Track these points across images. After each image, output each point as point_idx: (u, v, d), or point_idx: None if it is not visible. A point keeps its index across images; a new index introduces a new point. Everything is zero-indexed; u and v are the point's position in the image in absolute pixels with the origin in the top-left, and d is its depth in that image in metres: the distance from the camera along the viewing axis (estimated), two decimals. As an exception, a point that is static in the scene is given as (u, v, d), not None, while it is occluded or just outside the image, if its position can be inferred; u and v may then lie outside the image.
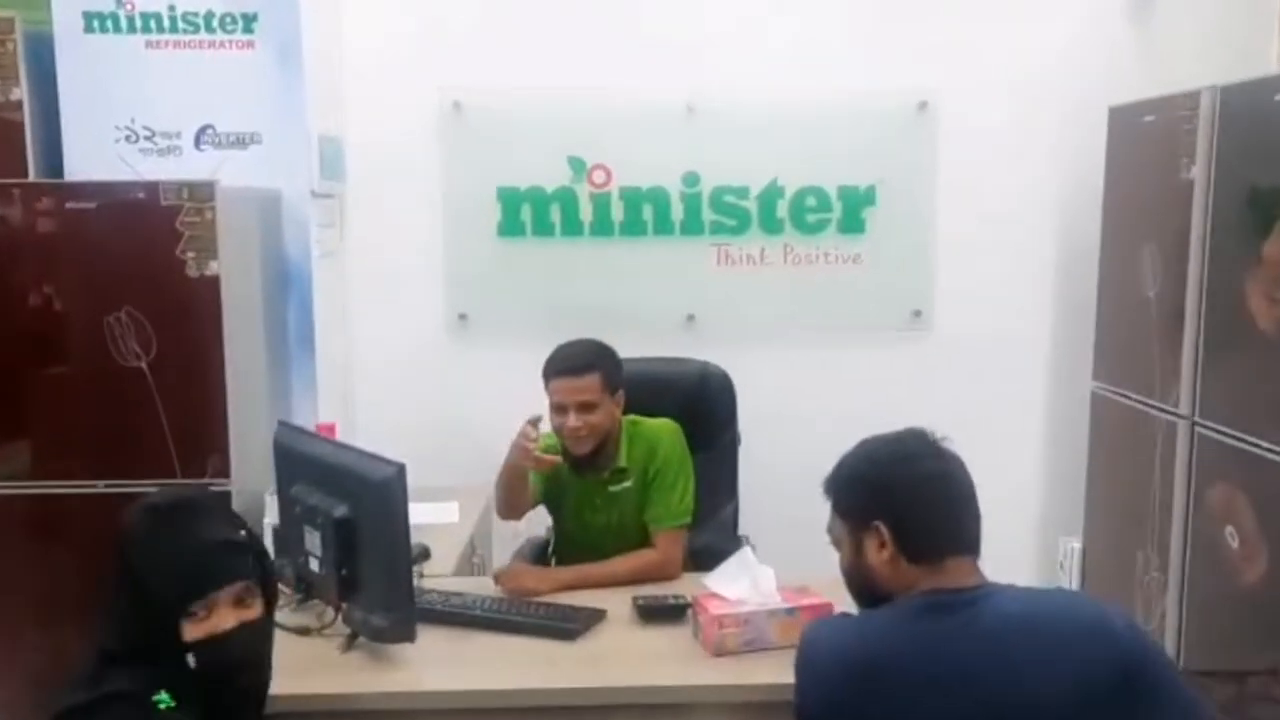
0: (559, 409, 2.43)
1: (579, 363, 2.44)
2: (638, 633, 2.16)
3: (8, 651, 2.62)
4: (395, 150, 3.44)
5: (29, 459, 2.63)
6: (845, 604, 1.74)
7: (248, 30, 2.96)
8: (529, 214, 3.50)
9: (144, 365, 2.56)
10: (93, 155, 2.92)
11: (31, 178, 2.79)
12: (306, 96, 3.02)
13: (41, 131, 2.87)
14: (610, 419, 2.47)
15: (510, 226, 3.50)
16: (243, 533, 1.59)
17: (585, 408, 2.42)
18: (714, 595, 2.08)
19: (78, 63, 2.92)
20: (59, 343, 2.61)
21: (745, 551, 2.18)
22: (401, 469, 1.96)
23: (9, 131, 2.80)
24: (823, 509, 1.68)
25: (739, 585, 2.08)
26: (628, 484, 2.51)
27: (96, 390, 2.58)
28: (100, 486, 2.58)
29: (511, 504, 2.55)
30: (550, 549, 2.75)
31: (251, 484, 2.59)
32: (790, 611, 2.03)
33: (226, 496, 2.52)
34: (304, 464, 2.19)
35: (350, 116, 3.40)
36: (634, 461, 2.51)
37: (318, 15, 3.13)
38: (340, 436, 2.71)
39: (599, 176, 3.49)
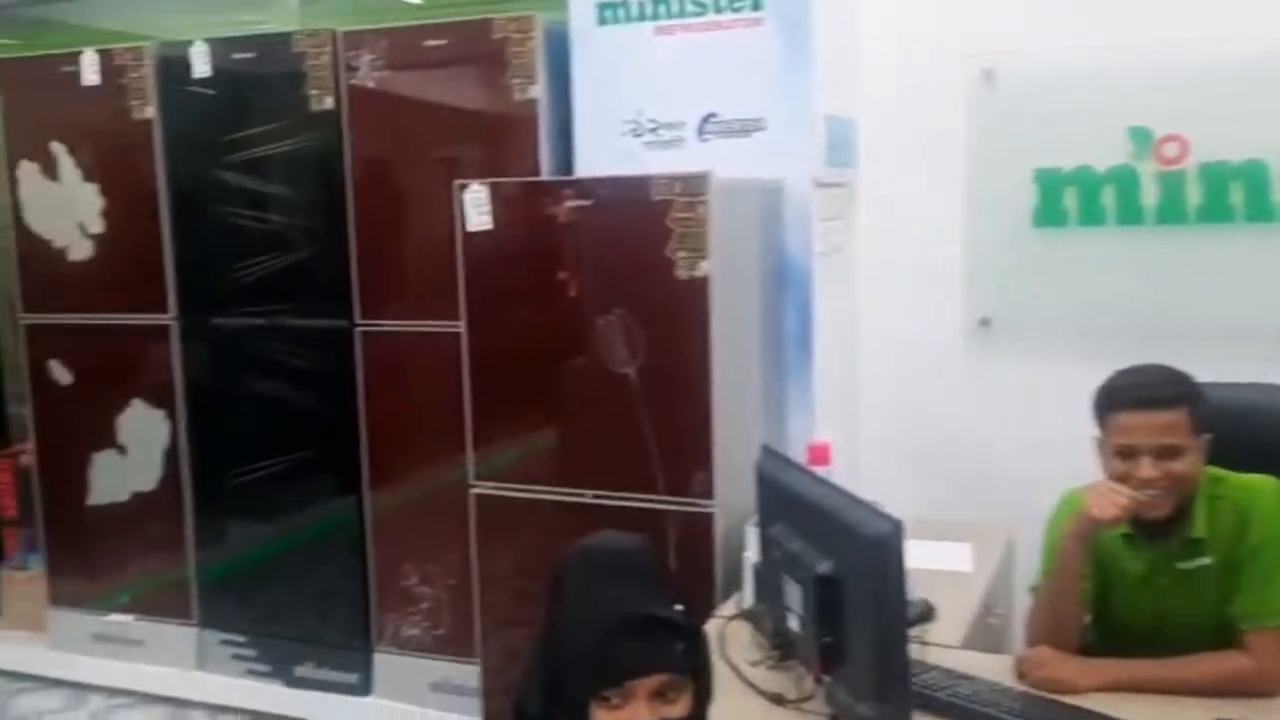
0: (1126, 453, 1.84)
1: (1163, 394, 1.84)
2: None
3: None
4: (914, 130, 2.99)
5: (515, 459, 2.60)
6: None
7: (756, 7, 2.71)
8: (1074, 199, 2.88)
9: (631, 371, 2.41)
10: (601, 151, 2.85)
11: (544, 175, 2.78)
12: (815, 75, 2.70)
13: (554, 129, 2.86)
14: (1195, 470, 1.84)
15: (1049, 215, 2.91)
16: (678, 608, 1.28)
17: (1167, 453, 1.81)
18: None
19: (590, 57, 2.86)
20: (556, 344, 2.53)
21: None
22: (898, 526, 1.55)
23: (525, 129, 2.81)
24: None
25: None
26: (1205, 561, 1.87)
27: (585, 395, 2.48)
28: (588, 496, 2.48)
29: (1065, 615, 1.91)
30: (1086, 641, 2.02)
31: (736, 508, 2.33)
32: None
33: (665, 558, 2.28)
34: (787, 501, 1.86)
35: (863, 94, 3.03)
36: (1216, 532, 1.86)
37: (830, -17, 2.80)
38: (838, 457, 2.36)
39: (1170, 150, 2.78)
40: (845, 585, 1.65)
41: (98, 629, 3.48)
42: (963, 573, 2.37)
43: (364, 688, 3.18)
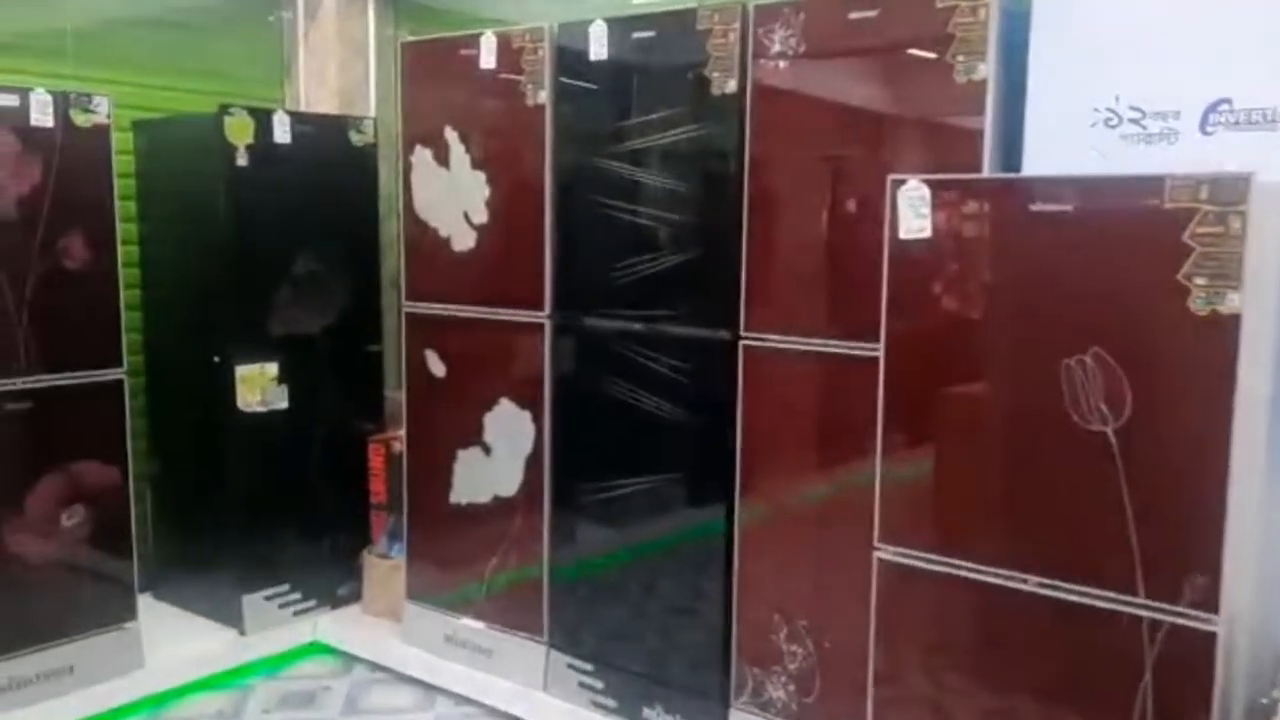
0: None
1: None
2: None
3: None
4: None
5: (931, 521, 2.12)
6: None
7: (1295, -39, 2.06)
8: None
9: (1109, 430, 1.86)
10: (1059, 146, 2.30)
11: (985, 173, 2.29)
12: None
13: (1000, 118, 2.35)
14: None
15: None
16: None
17: None
18: None
19: (1058, 28, 2.32)
20: (1004, 386, 2.04)
21: None
22: None
23: (966, 118, 2.32)
24: None
25: None
26: None
27: (1040, 454, 1.96)
28: (1030, 583, 1.96)
29: None
30: None
31: (1251, 627, 1.72)
32: None
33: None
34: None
35: None
36: None
37: None
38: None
39: None
40: None
41: (450, 630, 3.37)
42: None
43: (717, 748, 2.83)
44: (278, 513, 3.63)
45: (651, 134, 2.81)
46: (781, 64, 2.58)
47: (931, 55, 2.34)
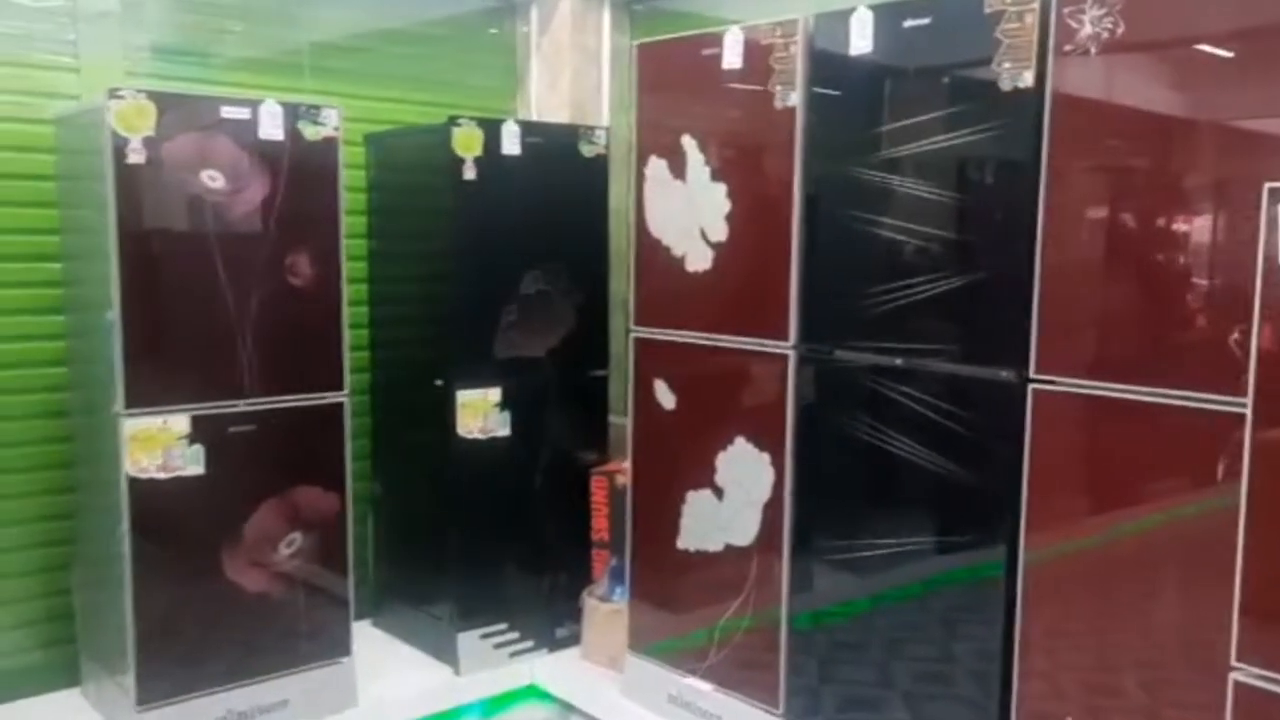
0: None
1: None
2: None
3: None
4: None
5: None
6: None
7: None
8: None
9: None
10: None
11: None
12: None
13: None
14: None
15: None
16: None
17: None
18: None
19: None
20: None
21: None
22: None
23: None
24: None
25: None
26: None
27: None
28: None
29: None
30: None
31: None
32: None
33: None
34: None
35: None
36: None
37: None
38: None
39: None
40: None
41: (674, 690, 3.06)
42: None
43: None
44: (497, 546, 3.43)
45: (921, 139, 2.40)
46: (1092, 48, 2.11)
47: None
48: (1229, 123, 1.98)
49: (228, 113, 2.81)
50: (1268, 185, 1.64)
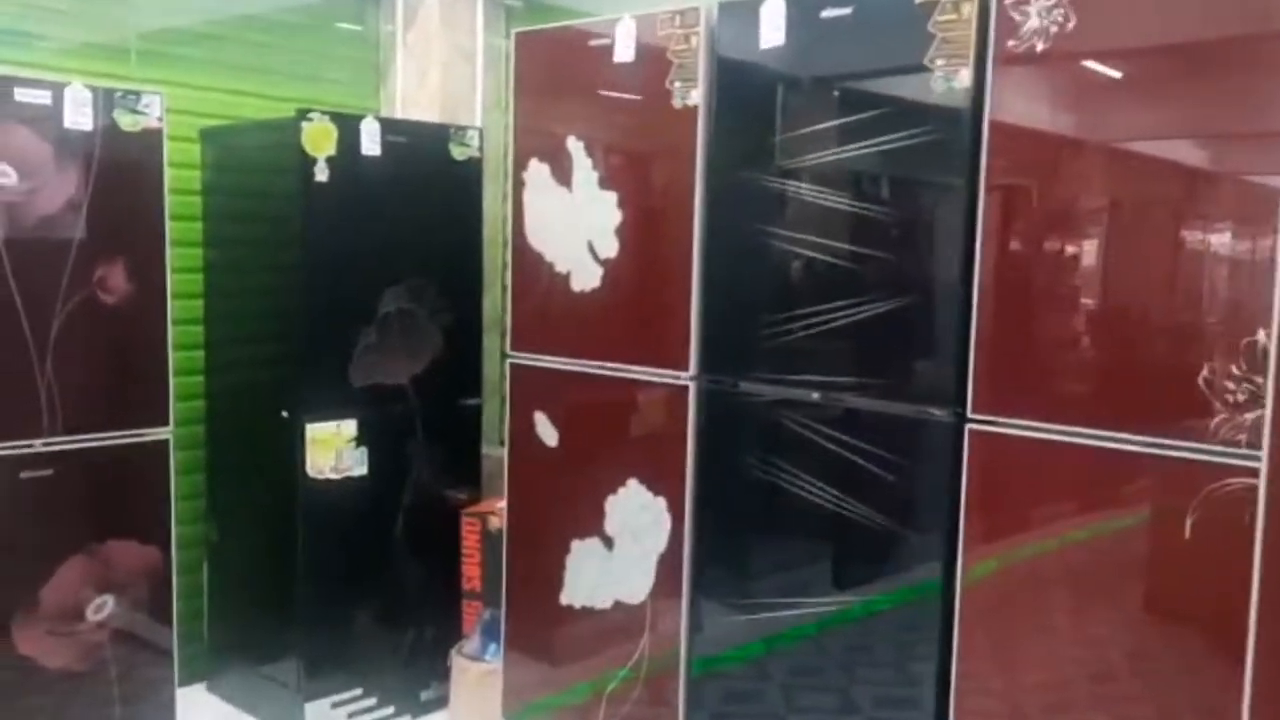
0: None
1: None
2: None
3: None
4: None
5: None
6: None
7: None
8: None
9: None
10: None
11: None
12: None
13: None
14: None
15: None
16: None
17: None
18: None
19: None
20: None
21: None
22: None
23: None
24: None
25: None
26: None
27: None
28: None
29: None
30: None
31: None
32: None
33: None
34: None
35: None
36: None
37: None
38: None
39: None
40: None
41: (555, 764, 2.70)
42: None
43: None
44: (351, 598, 3.02)
45: (842, 145, 2.12)
46: (1038, 42, 1.86)
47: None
48: (1198, 130, 1.75)
49: (23, 96, 2.35)
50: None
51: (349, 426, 2.94)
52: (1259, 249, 1.64)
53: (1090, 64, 1.83)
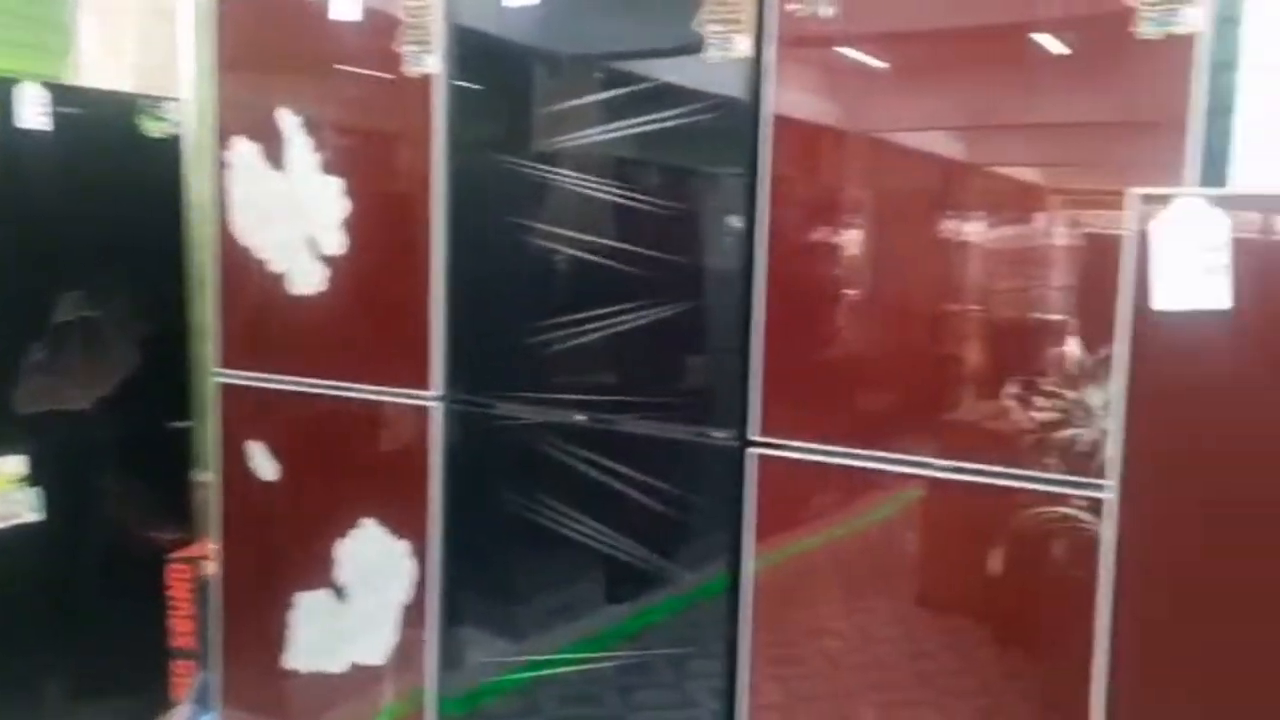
0: None
1: None
2: None
3: None
4: None
5: None
6: None
7: None
8: None
9: None
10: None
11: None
12: None
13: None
14: None
15: None
16: None
17: None
18: None
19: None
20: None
21: None
22: None
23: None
24: None
25: None
26: None
27: None
28: None
29: None
30: None
31: None
32: None
33: None
34: None
35: None
36: None
37: None
38: None
39: None
40: None
41: None
42: None
43: None
44: (26, 667, 2.46)
45: (606, 124, 1.81)
46: (823, 9, 1.61)
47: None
48: (1013, 107, 1.55)
49: None
50: (1133, 190, 1.19)
51: (14, 463, 2.39)
52: (1075, 253, 1.46)
53: (890, 27, 1.60)
